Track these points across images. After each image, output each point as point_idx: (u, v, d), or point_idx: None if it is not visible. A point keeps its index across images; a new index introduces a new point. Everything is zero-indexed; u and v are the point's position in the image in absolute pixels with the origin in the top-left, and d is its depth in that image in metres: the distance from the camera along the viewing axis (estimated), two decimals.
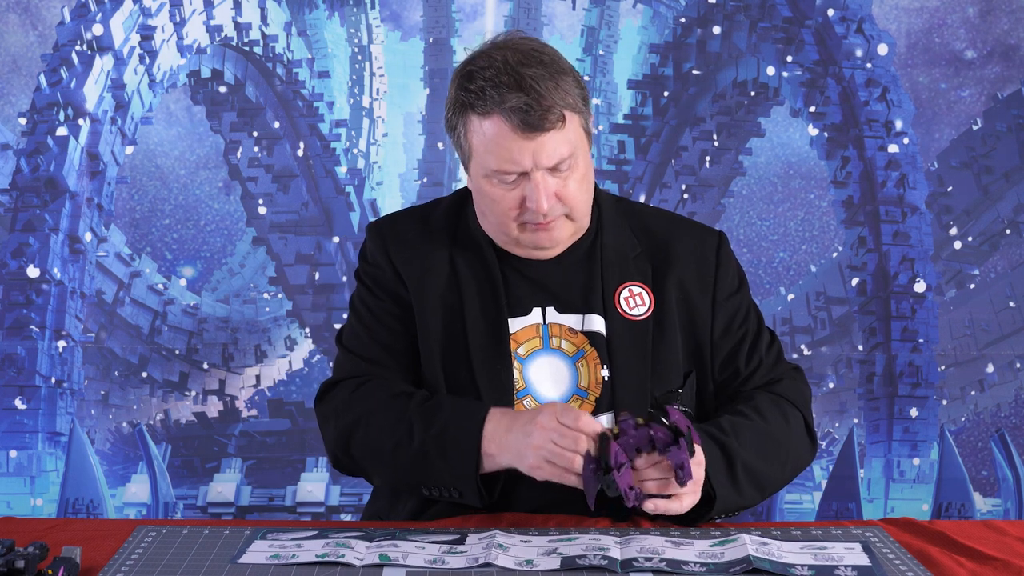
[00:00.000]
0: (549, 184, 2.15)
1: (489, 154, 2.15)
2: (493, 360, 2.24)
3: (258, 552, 1.97)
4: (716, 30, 4.55)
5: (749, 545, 1.94)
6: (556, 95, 2.12)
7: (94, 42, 4.41)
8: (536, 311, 2.28)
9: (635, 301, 2.29)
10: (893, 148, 4.50)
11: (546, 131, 2.12)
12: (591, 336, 2.27)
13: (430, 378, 2.29)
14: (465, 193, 2.35)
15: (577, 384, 2.26)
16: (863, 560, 1.92)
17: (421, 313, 2.29)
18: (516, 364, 2.25)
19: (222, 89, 4.54)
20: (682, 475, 2.01)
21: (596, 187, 2.33)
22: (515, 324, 2.27)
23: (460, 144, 2.21)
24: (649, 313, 2.28)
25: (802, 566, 1.89)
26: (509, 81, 2.11)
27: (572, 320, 2.28)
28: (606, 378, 2.25)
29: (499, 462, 2.14)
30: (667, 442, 2.03)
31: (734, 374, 2.33)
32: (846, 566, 1.90)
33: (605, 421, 2.21)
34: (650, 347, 2.26)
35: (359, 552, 1.95)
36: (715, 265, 2.33)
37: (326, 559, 1.93)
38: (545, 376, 2.26)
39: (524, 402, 2.25)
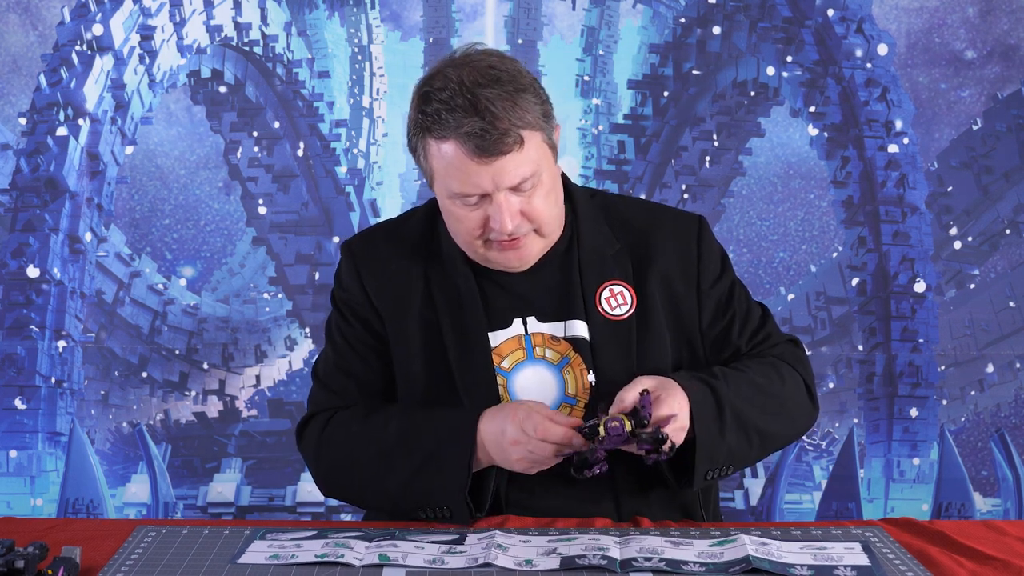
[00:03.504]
0: (512, 203, 2.11)
1: (449, 177, 2.11)
2: (476, 377, 2.22)
3: (257, 552, 1.97)
4: (716, 30, 4.55)
5: (749, 545, 1.94)
6: (513, 116, 2.06)
7: (94, 42, 4.41)
8: (517, 322, 2.26)
9: (616, 300, 2.26)
10: (893, 148, 4.50)
11: (503, 155, 2.06)
12: (574, 342, 2.24)
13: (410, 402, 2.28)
14: (437, 204, 2.30)
15: (564, 392, 2.24)
16: (863, 560, 1.92)
17: (399, 338, 2.27)
18: (500, 378, 2.23)
19: (222, 89, 4.54)
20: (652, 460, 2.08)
21: (569, 184, 2.30)
22: (497, 337, 2.25)
23: (421, 165, 2.17)
24: (632, 311, 2.25)
25: (802, 566, 1.89)
26: (464, 104, 2.05)
27: (554, 328, 2.25)
28: (593, 383, 2.23)
29: (491, 463, 2.18)
30: (649, 450, 2.05)
31: (734, 354, 2.32)
32: (846, 566, 1.90)
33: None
34: (635, 346, 2.24)
35: (358, 552, 1.95)
36: (697, 254, 2.30)
37: (325, 559, 1.93)
38: (531, 387, 2.23)
39: None
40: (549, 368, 2.25)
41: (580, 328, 2.25)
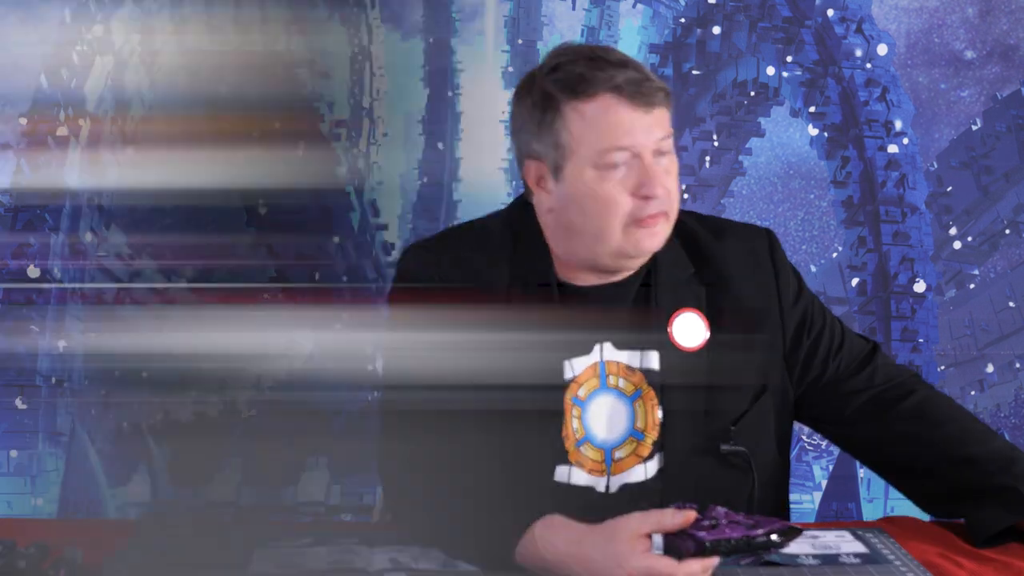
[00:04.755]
0: (660, 167, 1.99)
1: (600, 135, 1.97)
2: (545, 409, 2.08)
3: (263, 561, 1.97)
4: (716, 30, 4.55)
5: None
6: (655, 78, 2.04)
7: (94, 42, 4.41)
8: (596, 348, 2.12)
9: (690, 330, 2.12)
10: (893, 148, 4.50)
11: (657, 106, 1.98)
12: (648, 374, 2.11)
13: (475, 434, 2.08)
14: (519, 215, 2.13)
15: (634, 425, 2.12)
16: (860, 547, 1.94)
17: None
18: (576, 409, 2.12)
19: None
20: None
21: None
22: (576, 366, 2.11)
23: (554, 144, 2.00)
24: (704, 342, 2.12)
25: (807, 555, 1.90)
26: (613, 59, 1.98)
27: (629, 357, 2.12)
28: (661, 418, 2.10)
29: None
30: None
31: (834, 379, 2.16)
32: (847, 554, 1.92)
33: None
34: (704, 380, 2.11)
35: (364, 558, 1.95)
36: (774, 273, 2.15)
37: (336, 567, 1.93)
38: (603, 418, 2.11)
39: (581, 450, 2.09)
40: (621, 399, 2.14)
41: (654, 360, 2.12)
